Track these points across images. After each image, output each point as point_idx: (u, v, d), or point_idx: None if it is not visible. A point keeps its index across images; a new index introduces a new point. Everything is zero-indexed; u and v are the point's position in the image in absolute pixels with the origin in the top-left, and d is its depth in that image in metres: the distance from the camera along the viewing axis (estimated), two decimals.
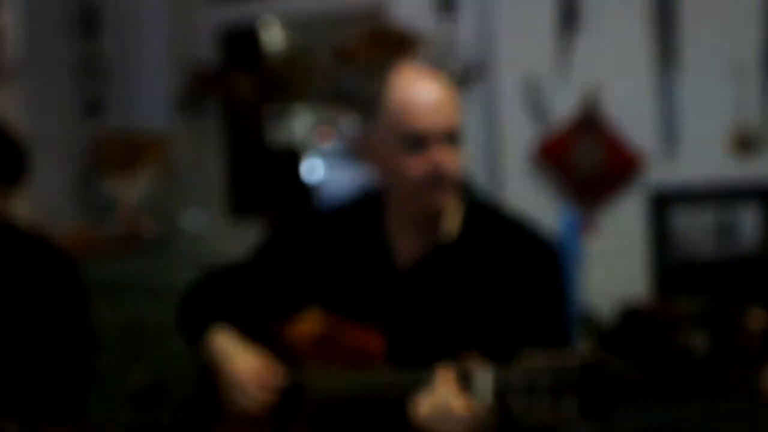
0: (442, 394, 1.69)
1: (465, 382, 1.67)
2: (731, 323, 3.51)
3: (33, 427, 2.28)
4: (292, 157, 4.70)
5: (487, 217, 2.03)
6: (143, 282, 4.48)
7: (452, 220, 2.01)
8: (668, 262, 3.83)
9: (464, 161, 1.97)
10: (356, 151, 2.06)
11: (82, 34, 4.64)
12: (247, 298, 2.17)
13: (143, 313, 4.40)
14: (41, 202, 4.13)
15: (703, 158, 3.80)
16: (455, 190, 1.95)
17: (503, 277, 1.93)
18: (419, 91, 1.90)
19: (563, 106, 3.93)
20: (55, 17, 4.49)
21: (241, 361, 2.02)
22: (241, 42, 5.21)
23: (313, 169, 4.73)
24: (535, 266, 1.95)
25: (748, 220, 3.77)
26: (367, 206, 2.09)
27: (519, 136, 3.99)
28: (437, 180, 1.89)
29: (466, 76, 4.14)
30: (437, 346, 1.89)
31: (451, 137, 1.90)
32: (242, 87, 4.85)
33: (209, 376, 2.14)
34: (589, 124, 3.84)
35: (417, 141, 1.88)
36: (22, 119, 3.99)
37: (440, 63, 2.04)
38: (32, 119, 4.11)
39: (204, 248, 4.76)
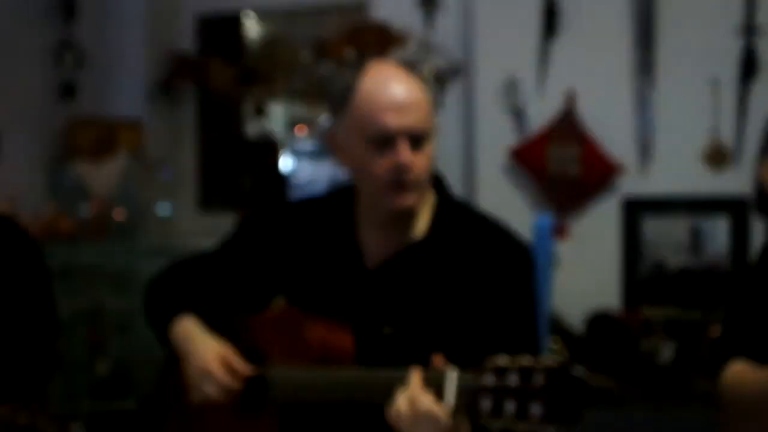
0: (411, 396, 1.67)
1: (434, 385, 1.65)
2: (697, 333, 3.53)
3: None
4: (266, 149, 4.69)
5: (457, 215, 2.01)
6: (111, 269, 4.45)
7: (423, 218, 1.99)
8: (638, 271, 3.85)
9: (435, 162, 1.93)
10: (327, 145, 2.04)
11: (58, 17, 4.60)
12: (214, 288, 2.13)
13: (109, 299, 4.38)
14: (12, 185, 4.10)
15: (676, 169, 3.83)
16: (421, 192, 1.92)
17: (473, 276, 1.91)
18: (387, 90, 1.87)
19: (541, 111, 3.94)
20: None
21: (207, 344, 1.97)
22: (220, 31, 5.19)
23: (287, 162, 4.71)
24: (506, 266, 1.93)
25: (718, 231, 3.80)
26: (339, 201, 2.07)
27: (496, 138, 4.00)
28: (400, 181, 1.86)
29: (445, 76, 4.14)
30: (405, 344, 1.87)
31: (417, 138, 1.86)
32: (219, 76, 4.83)
33: (174, 364, 2.12)
34: (566, 129, 3.85)
35: (382, 140, 1.85)
36: None
37: (417, 62, 2.02)
38: (5, 102, 4.08)
39: (174, 237, 4.74)
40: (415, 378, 1.67)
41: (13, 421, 2.23)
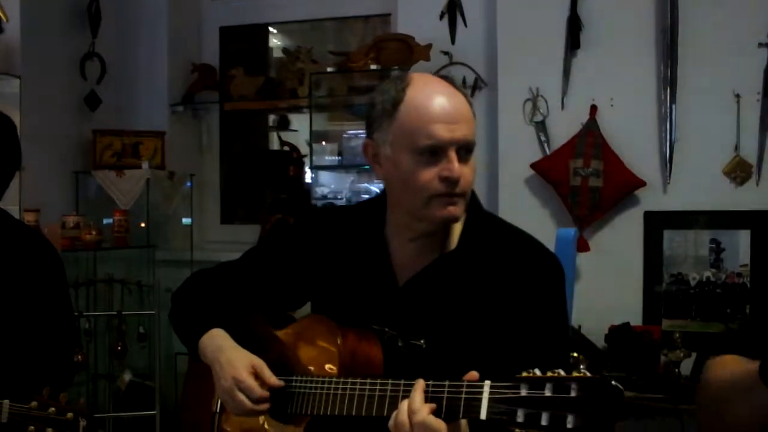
0: (411, 407, 1.64)
1: (451, 397, 1.62)
2: (718, 346, 3.51)
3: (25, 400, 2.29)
4: (288, 161, 4.69)
5: (488, 228, 2.01)
6: (132, 278, 4.48)
7: (454, 231, 1.98)
8: (660, 284, 3.85)
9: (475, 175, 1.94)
10: (366, 157, 2.02)
11: (82, 29, 4.64)
12: (243, 298, 2.14)
13: (131, 308, 4.40)
14: (36, 195, 4.13)
15: (698, 183, 3.81)
16: (465, 205, 1.92)
17: (505, 288, 1.90)
18: (437, 101, 1.86)
19: (563, 124, 3.94)
20: (56, 11, 4.49)
21: (239, 355, 1.97)
22: (243, 43, 5.22)
23: (309, 175, 4.72)
24: (538, 277, 1.92)
25: (739, 245, 3.79)
26: (369, 212, 2.07)
27: (518, 151, 4.00)
28: (450, 193, 1.86)
29: (470, 88, 4.16)
30: (435, 356, 1.87)
31: (466, 150, 1.87)
32: (242, 88, 4.85)
33: (198, 374, 2.13)
34: (589, 143, 3.85)
35: (432, 151, 1.85)
36: (20, 112, 3.99)
37: (452, 77, 2.00)
38: (30, 112, 4.11)
39: (195, 248, 4.76)
40: (418, 389, 1.66)
41: (44, 413, 2.26)
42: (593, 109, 3.89)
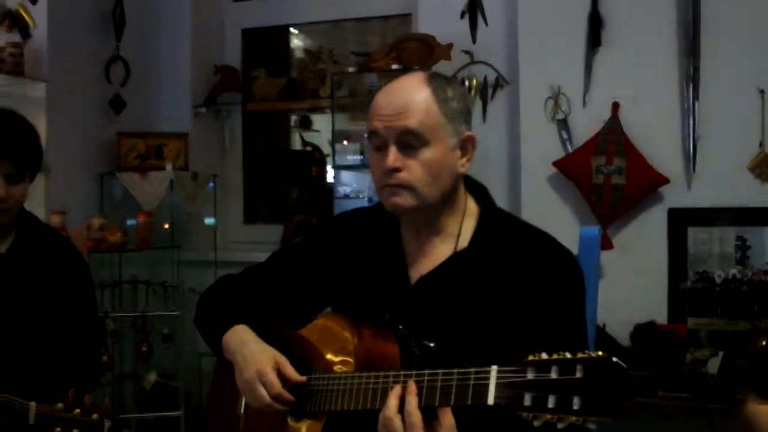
0: (401, 398, 1.69)
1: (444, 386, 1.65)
2: (742, 344, 3.50)
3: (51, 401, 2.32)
4: (311, 162, 4.70)
5: (501, 226, 2.01)
6: (156, 278, 4.50)
7: (466, 229, 2.00)
8: (684, 282, 3.82)
9: (441, 169, 1.92)
10: None
11: (107, 32, 4.67)
12: (267, 299, 2.17)
13: (156, 309, 4.42)
14: (62, 197, 4.16)
15: (722, 180, 3.78)
16: (421, 196, 1.92)
17: (518, 286, 1.89)
18: (382, 97, 1.94)
19: (585, 121, 3.92)
20: (81, 16, 4.52)
21: (263, 349, 1.98)
22: (265, 44, 5.24)
23: (333, 174, 4.72)
24: (552, 276, 1.91)
25: (765, 242, 3.76)
26: (386, 212, 2.07)
27: (540, 149, 3.98)
28: (386, 181, 1.92)
29: (491, 87, 4.16)
30: (450, 354, 1.87)
31: (408, 144, 1.89)
32: (265, 89, 4.87)
33: (224, 378, 2.15)
34: (611, 140, 3.83)
35: (374, 143, 1.94)
36: (46, 116, 4.03)
37: (452, 75, 2.02)
38: (56, 116, 4.15)
39: (219, 248, 4.78)
40: (411, 381, 1.68)
41: (70, 415, 2.29)
42: (615, 106, 3.87)
